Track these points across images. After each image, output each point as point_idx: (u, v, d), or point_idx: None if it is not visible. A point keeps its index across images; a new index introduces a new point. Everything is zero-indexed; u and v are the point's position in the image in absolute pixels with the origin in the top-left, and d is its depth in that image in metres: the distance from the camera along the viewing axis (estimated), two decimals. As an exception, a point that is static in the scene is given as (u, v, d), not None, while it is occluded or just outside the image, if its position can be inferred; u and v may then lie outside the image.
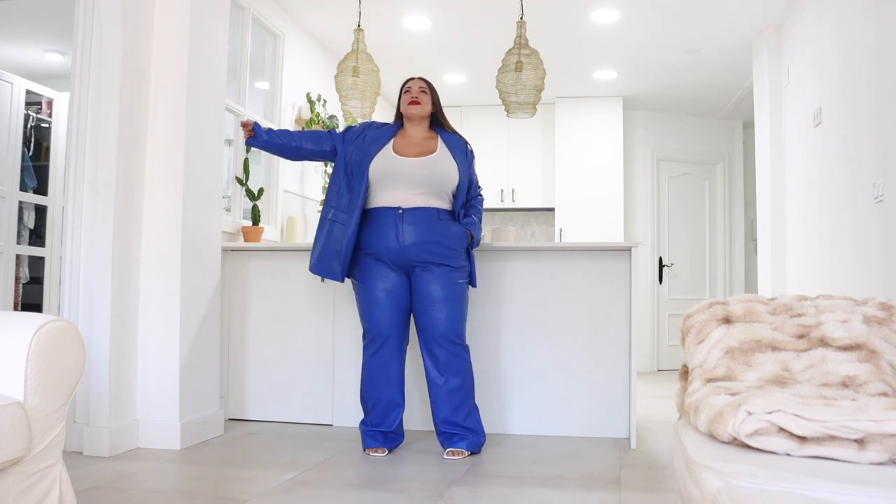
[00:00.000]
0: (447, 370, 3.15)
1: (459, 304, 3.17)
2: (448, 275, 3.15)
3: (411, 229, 3.11)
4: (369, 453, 3.19)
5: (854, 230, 3.80)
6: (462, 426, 3.17)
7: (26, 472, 1.64)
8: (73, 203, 3.25)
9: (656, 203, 7.46)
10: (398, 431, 3.27)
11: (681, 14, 5.12)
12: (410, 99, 3.26)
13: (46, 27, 5.34)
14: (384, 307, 3.15)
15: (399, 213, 3.12)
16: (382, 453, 3.19)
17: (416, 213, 3.12)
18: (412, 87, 3.29)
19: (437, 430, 3.21)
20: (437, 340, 3.14)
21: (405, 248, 3.11)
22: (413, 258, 3.12)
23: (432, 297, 3.13)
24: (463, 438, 3.17)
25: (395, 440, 3.27)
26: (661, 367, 7.31)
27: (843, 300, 2.01)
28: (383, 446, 3.21)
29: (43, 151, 5.64)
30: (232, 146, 4.76)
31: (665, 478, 2.88)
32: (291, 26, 5.39)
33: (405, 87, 3.32)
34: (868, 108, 3.66)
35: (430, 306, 3.13)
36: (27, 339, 1.64)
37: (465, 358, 3.20)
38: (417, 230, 3.11)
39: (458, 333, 3.17)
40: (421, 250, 3.11)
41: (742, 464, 1.37)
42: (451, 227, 3.18)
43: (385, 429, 3.22)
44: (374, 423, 3.22)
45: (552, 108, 7.26)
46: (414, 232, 3.11)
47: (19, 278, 5.41)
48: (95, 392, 3.15)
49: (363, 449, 3.23)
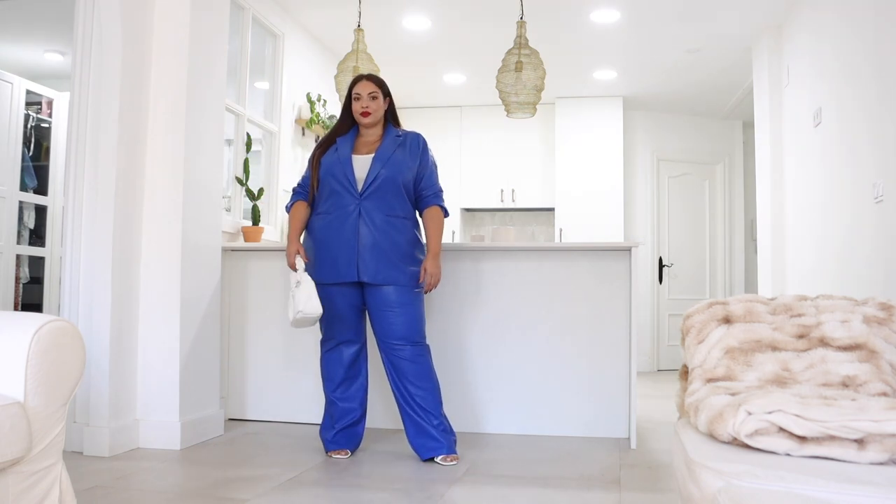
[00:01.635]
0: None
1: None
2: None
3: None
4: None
5: (854, 230, 3.80)
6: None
7: (26, 472, 1.64)
8: (73, 203, 3.25)
9: (656, 203, 7.45)
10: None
11: (681, 14, 5.12)
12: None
13: (46, 27, 5.34)
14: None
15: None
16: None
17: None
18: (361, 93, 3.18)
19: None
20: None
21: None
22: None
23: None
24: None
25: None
26: (661, 367, 7.31)
27: (843, 300, 2.01)
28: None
29: (43, 151, 5.64)
30: (232, 146, 4.76)
31: (665, 478, 2.88)
32: (291, 26, 5.39)
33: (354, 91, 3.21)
34: (868, 108, 3.66)
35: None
36: (27, 339, 1.64)
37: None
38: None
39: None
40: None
41: (742, 464, 1.37)
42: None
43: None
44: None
45: (552, 108, 7.26)
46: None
47: (19, 278, 5.41)
48: (95, 392, 3.15)
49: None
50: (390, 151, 3.14)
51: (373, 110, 3.17)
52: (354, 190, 3.09)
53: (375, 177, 3.09)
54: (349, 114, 3.25)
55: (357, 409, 3.22)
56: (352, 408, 3.20)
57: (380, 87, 3.21)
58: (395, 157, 3.13)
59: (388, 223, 3.09)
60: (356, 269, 3.06)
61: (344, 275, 3.08)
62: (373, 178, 3.09)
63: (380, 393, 3.79)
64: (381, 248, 3.06)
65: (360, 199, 3.08)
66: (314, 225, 3.19)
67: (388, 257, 3.07)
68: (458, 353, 3.81)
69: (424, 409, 3.09)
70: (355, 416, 3.21)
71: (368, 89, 3.18)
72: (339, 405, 3.19)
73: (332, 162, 3.16)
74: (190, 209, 3.40)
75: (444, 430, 3.11)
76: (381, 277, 3.06)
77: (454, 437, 3.16)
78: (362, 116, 3.17)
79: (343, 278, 3.09)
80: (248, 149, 4.72)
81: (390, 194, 3.11)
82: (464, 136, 7.53)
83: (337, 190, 3.12)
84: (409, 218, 3.18)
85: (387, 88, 3.26)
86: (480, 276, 3.78)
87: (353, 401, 3.21)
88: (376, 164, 3.11)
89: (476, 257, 3.79)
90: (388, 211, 3.10)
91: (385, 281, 3.07)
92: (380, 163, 3.11)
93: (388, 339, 3.10)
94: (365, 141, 3.22)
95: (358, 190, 3.09)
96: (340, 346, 3.20)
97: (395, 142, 3.19)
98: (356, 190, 3.09)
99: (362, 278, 3.07)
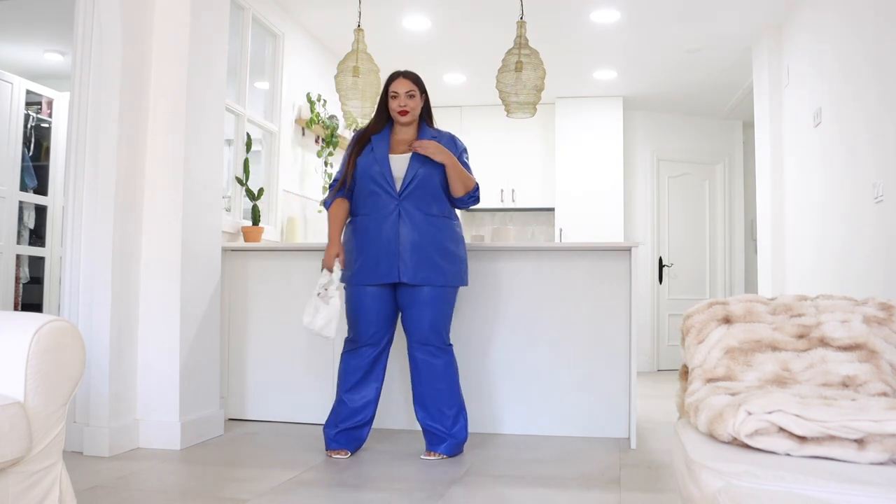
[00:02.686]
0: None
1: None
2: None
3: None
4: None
5: (854, 230, 3.80)
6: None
7: (26, 472, 1.64)
8: (73, 203, 3.25)
9: (656, 203, 7.45)
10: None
11: (681, 14, 5.12)
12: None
13: (46, 27, 5.33)
14: None
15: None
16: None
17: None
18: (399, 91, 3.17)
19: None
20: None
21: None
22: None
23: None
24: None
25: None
26: (661, 367, 7.31)
27: (843, 300, 2.01)
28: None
29: (43, 151, 5.64)
30: (232, 146, 4.76)
31: (665, 478, 2.88)
32: (291, 26, 5.39)
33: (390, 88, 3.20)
34: (868, 108, 3.66)
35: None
36: (27, 339, 1.64)
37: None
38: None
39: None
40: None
41: (742, 464, 1.37)
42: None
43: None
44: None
45: (552, 108, 7.26)
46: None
47: (19, 278, 5.41)
48: (95, 392, 3.15)
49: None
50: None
51: (411, 109, 3.16)
52: (393, 190, 3.09)
53: (414, 176, 3.09)
54: (384, 110, 3.22)
55: (365, 414, 3.18)
56: (360, 410, 3.17)
57: (417, 84, 3.21)
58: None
59: (428, 222, 3.09)
60: (397, 270, 3.06)
61: (384, 276, 3.07)
62: (412, 177, 3.08)
63: (382, 392, 3.79)
64: (422, 248, 3.06)
65: (400, 200, 3.08)
66: (354, 226, 3.18)
67: (429, 257, 3.07)
68: (458, 353, 3.79)
69: (436, 405, 3.13)
70: (362, 420, 3.18)
71: (406, 87, 3.17)
72: (347, 405, 3.16)
73: (368, 162, 3.14)
74: (190, 209, 3.39)
75: (445, 430, 3.13)
76: (420, 277, 3.06)
77: (456, 440, 3.16)
78: (400, 115, 3.16)
79: (383, 280, 3.08)
80: (248, 149, 4.72)
81: (429, 193, 3.11)
82: (464, 136, 7.45)
83: (375, 191, 3.11)
84: (448, 216, 3.19)
85: (423, 86, 3.25)
86: (480, 277, 3.77)
87: (363, 405, 3.17)
88: (414, 163, 3.11)
89: (476, 257, 3.78)
90: (428, 210, 3.11)
91: (423, 281, 3.07)
92: (418, 162, 3.11)
93: (415, 335, 3.14)
94: (400, 139, 3.20)
95: (396, 190, 3.09)
96: (363, 348, 3.17)
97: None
98: (395, 190, 3.09)
99: (402, 279, 3.07)
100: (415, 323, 3.13)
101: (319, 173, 5.79)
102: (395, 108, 3.16)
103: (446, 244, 3.13)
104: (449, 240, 3.15)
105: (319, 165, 5.77)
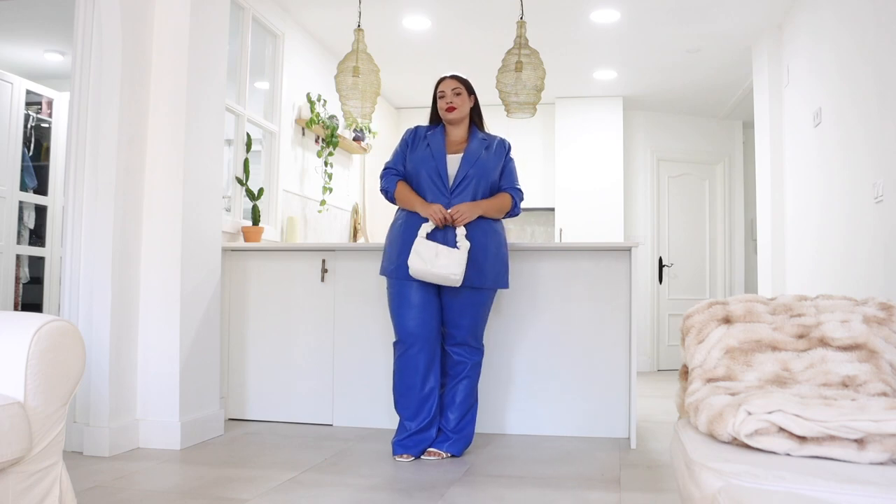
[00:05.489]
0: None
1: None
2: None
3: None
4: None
5: (854, 230, 3.80)
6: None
7: (26, 472, 1.64)
8: (73, 203, 3.25)
9: (656, 203, 7.45)
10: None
11: (681, 14, 5.12)
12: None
13: (46, 27, 5.33)
14: None
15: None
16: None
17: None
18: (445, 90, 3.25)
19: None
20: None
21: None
22: None
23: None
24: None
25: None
26: (661, 367, 7.31)
27: (843, 300, 2.01)
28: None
29: (43, 151, 5.64)
30: (232, 146, 4.76)
31: (665, 478, 2.88)
32: (291, 26, 5.39)
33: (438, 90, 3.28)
34: (867, 108, 3.66)
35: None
36: (27, 339, 1.64)
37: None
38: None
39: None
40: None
41: (742, 464, 1.37)
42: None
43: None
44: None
45: (552, 108, 7.25)
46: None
47: (19, 278, 5.41)
48: (95, 392, 3.15)
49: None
50: (478, 153, 3.19)
51: (458, 105, 3.22)
52: (445, 188, 3.12)
53: (465, 176, 3.14)
54: (436, 116, 3.31)
55: (429, 425, 3.15)
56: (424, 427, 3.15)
57: (463, 84, 3.27)
58: (482, 158, 3.18)
59: (475, 224, 3.12)
60: None
61: None
62: (462, 178, 3.13)
63: (382, 392, 3.79)
64: (468, 249, 3.08)
65: (450, 198, 3.12)
66: (403, 220, 3.19)
67: (474, 258, 3.09)
68: (458, 353, 3.80)
69: (454, 402, 3.18)
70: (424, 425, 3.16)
71: (451, 86, 3.25)
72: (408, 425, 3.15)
73: (424, 157, 3.19)
74: (190, 209, 3.39)
75: (453, 430, 3.17)
76: (464, 279, 3.07)
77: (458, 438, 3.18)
78: (447, 112, 3.22)
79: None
80: (248, 149, 4.72)
81: (478, 195, 3.15)
82: (464, 136, 7.51)
83: (427, 186, 3.14)
84: (494, 219, 3.22)
85: (471, 87, 3.30)
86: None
87: (427, 424, 3.14)
88: (465, 164, 3.16)
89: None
90: None
91: (467, 282, 3.09)
92: (468, 163, 3.16)
93: (453, 334, 3.18)
94: (451, 140, 3.26)
95: (448, 187, 3.13)
96: (413, 350, 3.12)
97: (481, 144, 3.24)
98: (447, 188, 3.13)
99: None
100: (453, 322, 3.17)
101: (319, 173, 5.78)
102: (443, 107, 3.24)
103: (491, 246, 3.16)
104: (493, 241, 3.18)
105: (319, 165, 5.77)
